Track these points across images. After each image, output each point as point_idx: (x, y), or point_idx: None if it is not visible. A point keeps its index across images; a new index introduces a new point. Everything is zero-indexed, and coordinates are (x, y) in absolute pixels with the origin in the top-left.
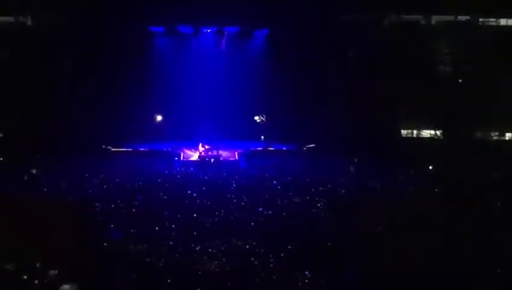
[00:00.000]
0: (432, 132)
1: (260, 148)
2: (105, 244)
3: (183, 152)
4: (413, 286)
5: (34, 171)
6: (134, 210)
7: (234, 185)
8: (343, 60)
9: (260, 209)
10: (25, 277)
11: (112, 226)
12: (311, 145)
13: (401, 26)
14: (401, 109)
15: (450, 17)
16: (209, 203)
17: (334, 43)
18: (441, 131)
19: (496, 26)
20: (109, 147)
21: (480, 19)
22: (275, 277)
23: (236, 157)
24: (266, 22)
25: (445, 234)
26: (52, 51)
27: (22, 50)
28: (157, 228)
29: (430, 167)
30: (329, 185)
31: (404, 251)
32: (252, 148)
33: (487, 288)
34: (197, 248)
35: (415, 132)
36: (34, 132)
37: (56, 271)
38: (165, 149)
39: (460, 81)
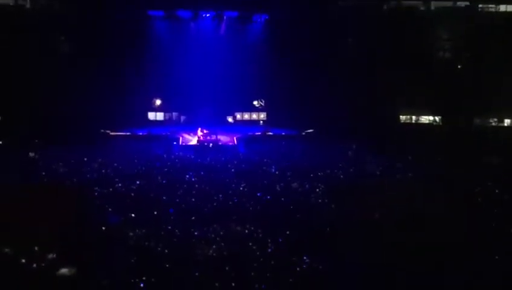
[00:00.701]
0: (431, 117)
1: (259, 133)
2: (103, 228)
3: (182, 137)
4: (412, 273)
5: (33, 155)
6: (132, 194)
7: (233, 170)
8: (343, 45)
9: (259, 194)
10: (23, 261)
11: (110, 210)
12: (309, 130)
13: (401, 11)
14: (400, 94)
15: (449, 3)
16: (207, 188)
17: (333, 28)
18: (440, 117)
19: (496, 12)
20: (108, 131)
21: (480, 5)
22: (273, 262)
23: (235, 142)
24: (265, 6)
25: (444, 220)
26: (51, 34)
27: (20, 33)
28: (155, 213)
29: (429, 153)
30: (328, 171)
31: (402, 237)
32: (250, 133)
33: (487, 273)
34: (196, 233)
35: (413, 117)
36: (33, 115)
37: (54, 255)
38: (163, 133)
39: (459, 67)
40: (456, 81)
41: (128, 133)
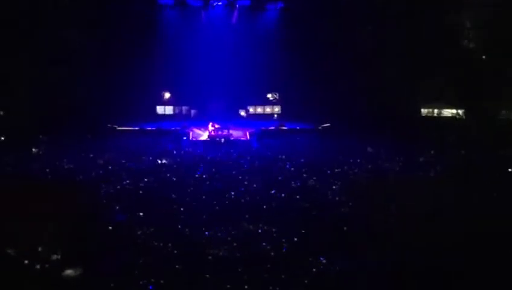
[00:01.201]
0: (454, 110)
1: (273, 128)
2: (110, 227)
3: (192, 131)
4: (432, 274)
5: (36, 150)
6: (140, 192)
7: (245, 167)
8: (361, 34)
9: (273, 191)
10: (26, 262)
11: (117, 208)
12: (326, 125)
13: None
14: (421, 86)
15: None
16: (219, 185)
17: (352, 17)
18: (463, 110)
19: None
20: (115, 126)
21: None
22: (288, 263)
23: (248, 137)
24: None
25: (469, 219)
26: (56, 23)
27: (23, 21)
28: (164, 211)
29: (452, 148)
30: (346, 167)
31: (425, 237)
32: (264, 128)
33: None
34: (206, 233)
35: (435, 110)
36: (36, 110)
37: (59, 256)
38: (173, 128)
39: (484, 57)
40: (480, 72)
41: (136, 128)
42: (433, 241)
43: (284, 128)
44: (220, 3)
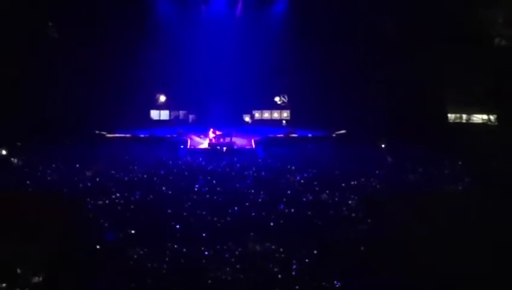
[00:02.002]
0: (485, 116)
1: (281, 135)
2: (98, 247)
3: (191, 139)
4: None
5: (15, 160)
6: (132, 207)
7: (250, 179)
8: (379, 32)
9: (281, 206)
10: (4, 285)
11: (107, 225)
12: (341, 132)
13: None
14: (447, 89)
15: None
16: (220, 199)
17: (368, 12)
18: (495, 116)
19: None
20: (103, 133)
21: None
22: (298, 287)
23: (253, 145)
24: None
25: (502, 237)
26: (38, 20)
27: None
28: (159, 228)
29: (483, 158)
30: (363, 179)
31: (452, 257)
32: (271, 135)
33: None
34: (206, 253)
35: (464, 116)
36: (14, 114)
37: (40, 279)
38: (169, 135)
39: None
40: None
41: (127, 135)
42: (462, 263)
43: (293, 135)
44: None
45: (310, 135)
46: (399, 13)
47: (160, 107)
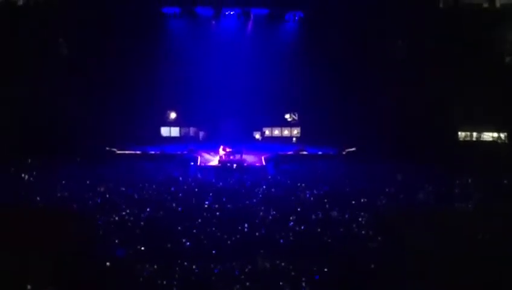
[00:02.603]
0: (495, 134)
1: (291, 152)
2: (107, 263)
3: (201, 156)
4: None
5: (26, 176)
6: (142, 224)
7: (260, 196)
8: (389, 49)
9: (291, 224)
10: None
11: (117, 242)
12: (351, 149)
13: (459, 9)
14: (458, 107)
15: None
16: (230, 216)
17: (378, 29)
18: (505, 134)
19: None
20: (114, 149)
21: None
22: None
23: (263, 162)
24: (299, 3)
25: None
26: (48, 35)
27: (11, 34)
28: (169, 245)
29: (493, 176)
30: (373, 197)
31: (463, 276)
32: (281, 152)
33: None
34: (216, 270)
35: (474, 134)
36: (25, 130)
37: None
38: (179, 152)
39: None
40: None
41: (137, 152)
42: (473, 280)
43: (304, 153)
44: (232, 13)
45: (320, 153)
46: (410, 32)
47: (170, 124)
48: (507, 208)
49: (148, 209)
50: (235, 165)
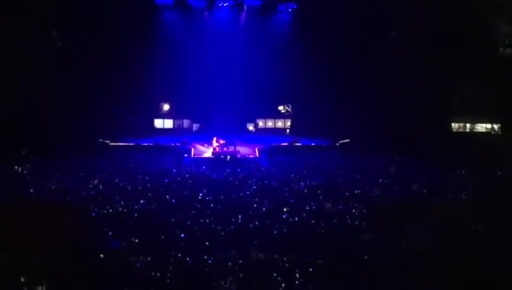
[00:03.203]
0: (489, 125)
1: (285, 144)
2: (101, 255)
3: (195, 148)
4: None
5: (19, 169)
6: (136, 215)
7: (254, 187)
8: (383, 41)
9: (284, 215)
10: None
11: (111, 234)
12: (344, 141)
13: (453, 1)
14: (451, 98)
15: None
16: (224, 208)
17: (372, 20)
18: (498, 125)
19: None
20: (107, 141)
21: None
22: None
23: (257, 154)
24: None
25: (506, 246)
26: (42, 28)
27: (6, 27)
28: (163, 237)
29: (486, 168)
30: (366, 188)
31: (455, 268)
32: (275, 144)
33: None
34: (210, 261)
35: (468, 125)
36: (18, 122)
37: (44, 287)
38: (172, 144)
39: None
40: None
41: (131, 144)
42: (466, 272)
43: (297, 144)
44: (226, 4)
45: (313, 144)
46: (403, 23)
47: (164, 115)
48: (501, 200)
49: (141, 201)
50: (228, 157)
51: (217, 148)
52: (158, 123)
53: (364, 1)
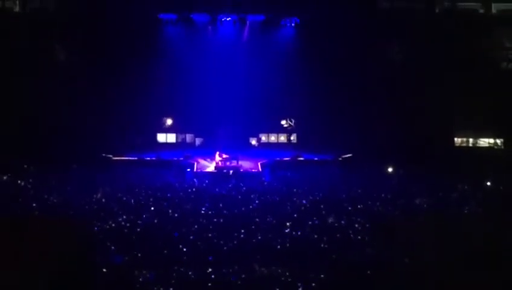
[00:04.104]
0: (491, 140)
1: (288, 158)
2: (104, 270)
3: (197, 162)
4: None
5: (22, 183)
6: (138, 230)
7: (256, 202)
8: (385, 55)
9: (287, 230)
10: None
11: (113, 248)
12: (347, 155)
13: (455, 15)
14: (454, 112)
15: None
16: (226, 222)
17: (374, 35)
18: (502, 140)
19: None
20: (110, 156)
21: None
22: None
23: (260, 168)
24: (296, 9)
25: (509, 261)
26: (44, 42)
27: (7, 41)
28: (165, 252)
29: (489, 182)
30: (369, 203)
31: (458, 282)
32: (277, 158)
33: None
34: (213, 276)
35: (471, 140)
36: (20, 136)
37: None
38: (175, 158)
39: None
40: None
41: (134, 158)
42: (470, 288)
43: (300, 159)
44: (229, 19)
45: (316, 159)
46: (406, 38)
47: (167, 130)
48: (503, 214)
49: (144, 216)
50: (231, 172)
51: (219, 162)
52: (161, 137)
53: (367, 16)
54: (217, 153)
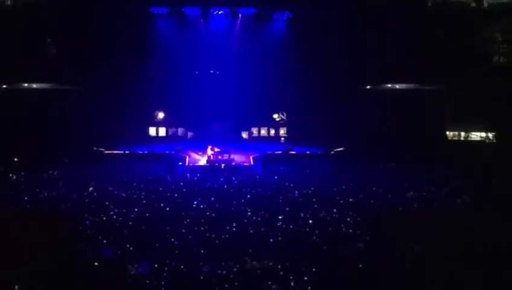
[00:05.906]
0: (483, 134)
1: (279, 152)
2: (96, 264)
3: (189, 156)
4: None
5: (13, 177)
6: (130, 223)
7: (249, 195)
8: (378, 49)
9: (279, 223)
10: None
11: (105, 242)
12: (339, 149)
13: (447, 10)
14: (446, 106)
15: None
16: (218, 216)
17: (366, 29)
18: (493, 133)
19: None
20: (101, 149)
21: None
22: None
23: (251, 162)
24: (288, 3)
25: (499, 255)
26: (36, 35)
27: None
28: (157, 245)
29: (481, 176)
30: (361, 196)
31: (449, 275)
32: (269, 152)
33: None
34: (205, 269)
35: (462, 134)
36: (11, 130)
37: None
38: (167, 152)
39: None
40: None
41: (125, 152)
42: (460, 280)
43: (292, 152)
44: (221, 13)
45: (308, 152)
46: (398, 32)
47: (158, 124)
48: (496, 208)
49: (136, 209)
50: (223, 165)
51: (211, 156)
52: (152, 131)
53: (360, 9)
54: (209, 146)
